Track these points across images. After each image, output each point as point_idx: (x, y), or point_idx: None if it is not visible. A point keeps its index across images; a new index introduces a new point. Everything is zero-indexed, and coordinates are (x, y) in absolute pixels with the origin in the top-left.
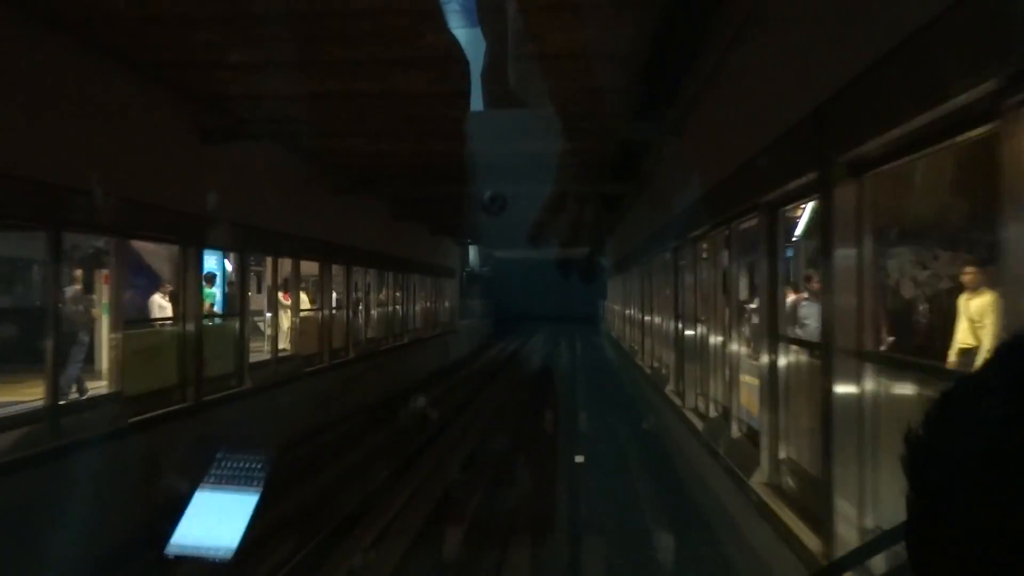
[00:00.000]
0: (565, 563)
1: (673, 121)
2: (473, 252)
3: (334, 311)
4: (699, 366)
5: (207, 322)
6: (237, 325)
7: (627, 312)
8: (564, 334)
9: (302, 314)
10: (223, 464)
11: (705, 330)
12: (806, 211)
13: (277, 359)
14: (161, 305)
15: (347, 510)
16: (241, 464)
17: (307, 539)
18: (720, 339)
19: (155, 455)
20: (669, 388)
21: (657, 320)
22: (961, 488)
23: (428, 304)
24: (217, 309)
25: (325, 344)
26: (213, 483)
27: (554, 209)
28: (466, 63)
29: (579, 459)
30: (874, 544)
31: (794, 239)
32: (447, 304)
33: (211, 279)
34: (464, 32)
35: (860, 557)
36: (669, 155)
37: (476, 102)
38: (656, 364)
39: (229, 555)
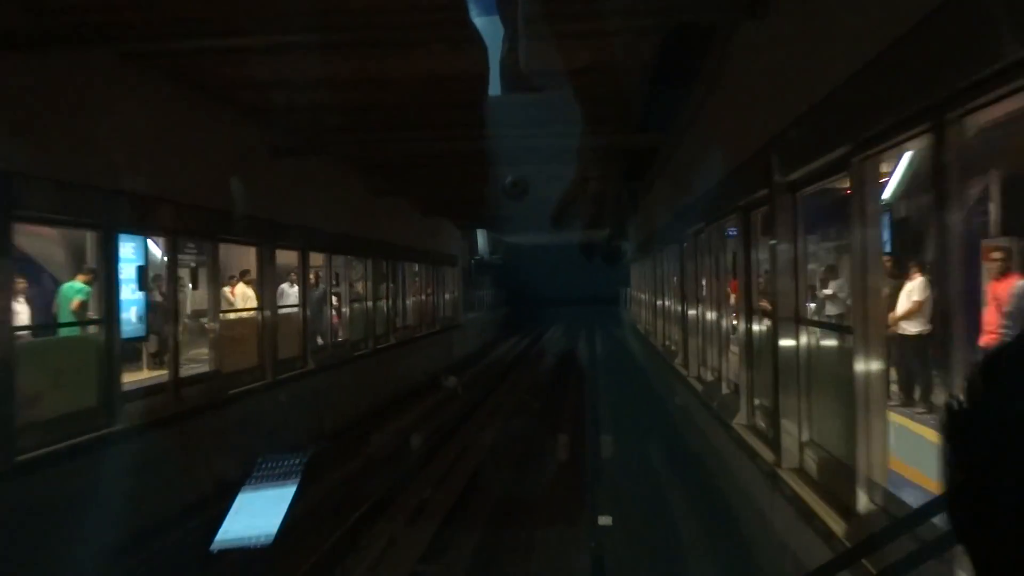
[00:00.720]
0: None
1: None
2: (482, 238)
3: (285, 310)
4: (814, 401)
5: (64, 332)
6: (103, 336)
7: (659, 303)
8: (582, 327)
9: (234, 316)
10: (263, 467)
11: (826, 340)
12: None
13: (178, 380)
14: None
15: None
16: (280, 464)
17: None
18: (872, 364)
19: None
20: (739, 421)
21: (710, 315)
22: (1010, 451)
23: (423, 297)
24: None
25: (267, 354)
26: (254, 485)
27: (571, 184)
28: None
29: (605, 521)
30: (915, 516)
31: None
32: (448, 296)
33: (90, 273)
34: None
35: (902, 529)
36: (743, 53)
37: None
38: (710, 377)
39: (269, 541)
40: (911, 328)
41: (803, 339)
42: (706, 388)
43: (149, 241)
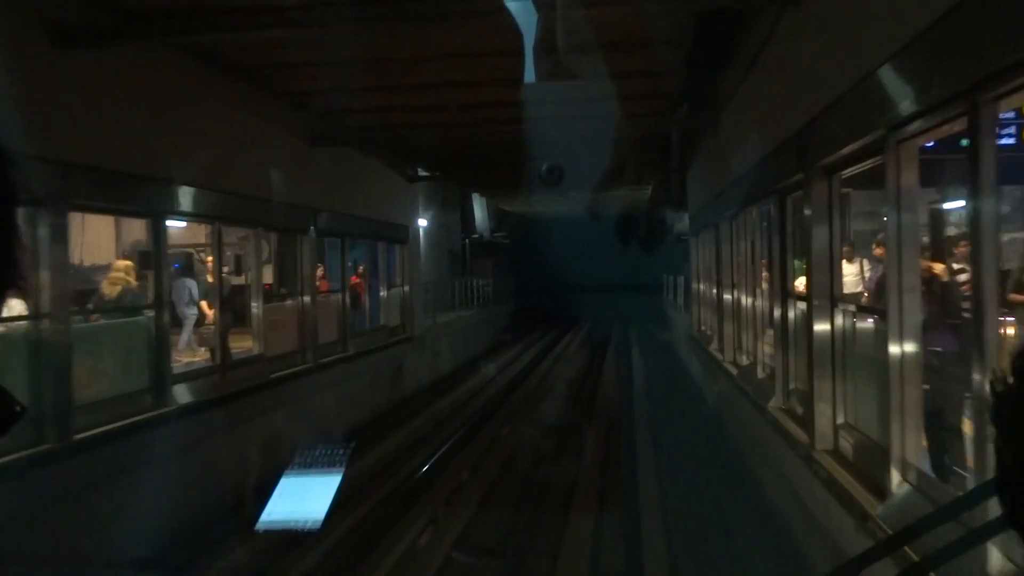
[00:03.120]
0: None
1: None
2: (480, 210)
3: None
4: None
5: None
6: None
7: (768, 309)
8: (613, 332)
9: None
10: (306, 453)
11: None
12: None
13: None
14: None
15: None
16: (323, 452)
17: None
18: None
19: None
20: None
21: None
22: None
23: (304, 299)
24: None
25: None
26: (298, 469)
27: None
28: None
29: None
30: (963, 501)
31: None
32: (387, 293)
33: None
34: None
35: (949, 514)
36: None
37: None
38: None
39: (318, 525)
40: None
41: None
42: None
43: None
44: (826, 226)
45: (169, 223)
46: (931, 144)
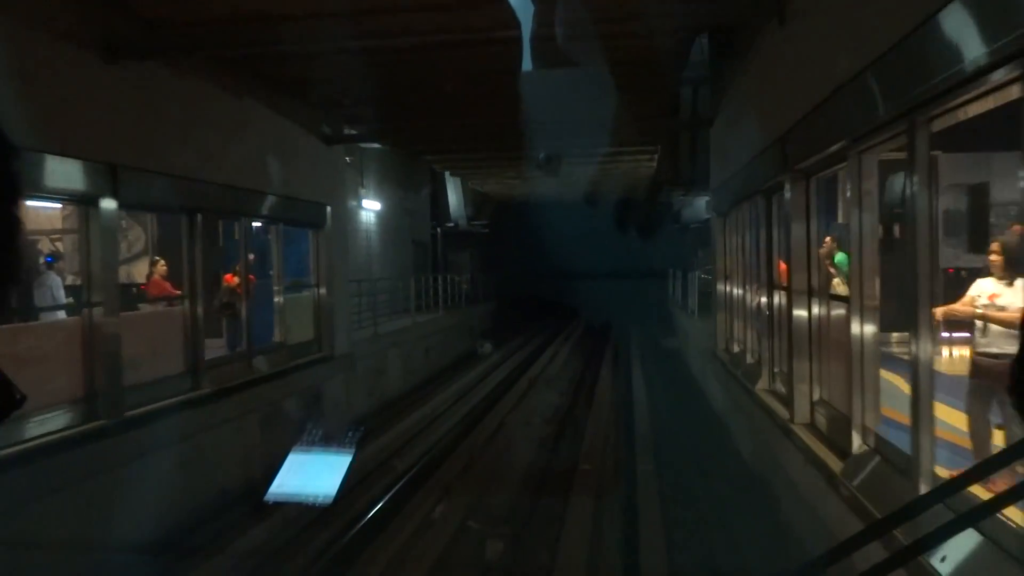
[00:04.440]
0: None
1: None
2: (454, 192)
3: None
4: None
5: None
6: None
7: None
8: (609, 340)
9: None
10: (314, 432)
11: None
12: None
13: None
14: None
15: None
16: (333, 432)
17: None
18: None
19: None
20: None
21: None
22: None
23: (143, 308)
24: None
25: None
26: (305, 447)
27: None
28: None
29: None
30: (998, 458)
31: None
32: (285, 299)
33: None
34: None
35: (984, 472)
36: None
37: None
38: None
39: (329, 500)
40: None
41: None
42: None
43: None
44: None
45: None
46: None
